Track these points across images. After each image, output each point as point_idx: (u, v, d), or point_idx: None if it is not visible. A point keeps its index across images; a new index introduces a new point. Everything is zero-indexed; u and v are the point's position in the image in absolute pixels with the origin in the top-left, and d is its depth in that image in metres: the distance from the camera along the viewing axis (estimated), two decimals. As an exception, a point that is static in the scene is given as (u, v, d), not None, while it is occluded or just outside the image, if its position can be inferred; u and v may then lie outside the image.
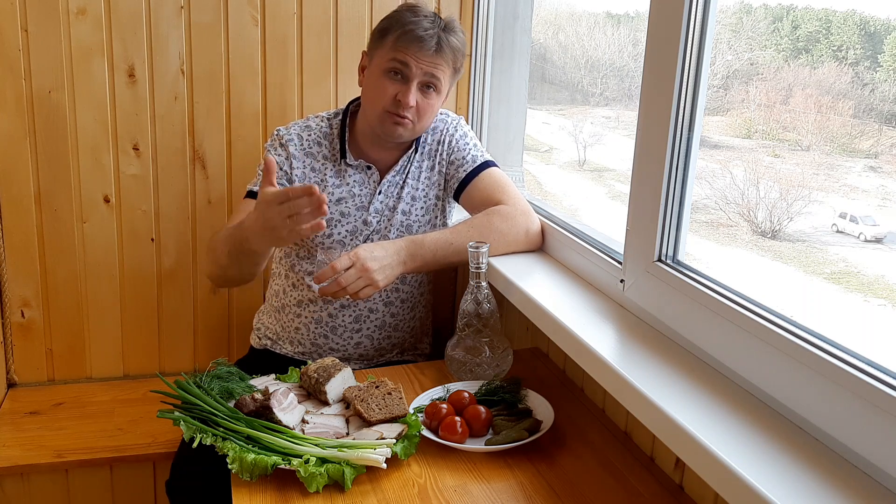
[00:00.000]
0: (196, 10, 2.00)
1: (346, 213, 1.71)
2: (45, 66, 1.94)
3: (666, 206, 1.27)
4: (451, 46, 1.62)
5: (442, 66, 1.62)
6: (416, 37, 1.58)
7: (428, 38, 1.58)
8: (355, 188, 1.71)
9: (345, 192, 1.70)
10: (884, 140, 1.56)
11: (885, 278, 1.61)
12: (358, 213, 1.71)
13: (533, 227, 1.68)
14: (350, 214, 1.71)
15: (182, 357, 2.21)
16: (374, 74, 1.64)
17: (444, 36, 1.60)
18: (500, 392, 1.36)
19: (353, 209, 1.71)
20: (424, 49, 1.58)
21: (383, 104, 1.62)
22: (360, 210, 1.71)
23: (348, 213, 1.71)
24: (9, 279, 2.04)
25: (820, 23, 1.64)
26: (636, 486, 1.16)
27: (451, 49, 1.61)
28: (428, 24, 1.59)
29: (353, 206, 1.71)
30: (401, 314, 1.80)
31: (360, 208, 1.71)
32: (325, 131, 1.73)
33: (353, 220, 1.71)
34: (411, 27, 1.58)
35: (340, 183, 1.71)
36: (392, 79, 1.61)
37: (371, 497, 1.11)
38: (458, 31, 1.65)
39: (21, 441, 1.86)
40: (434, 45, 1.59)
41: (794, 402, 0.98)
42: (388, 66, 1.60)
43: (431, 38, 1.58)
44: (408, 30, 1.58)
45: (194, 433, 1.19)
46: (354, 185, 1.71)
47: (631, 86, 2.63)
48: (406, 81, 1.60)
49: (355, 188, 1.71)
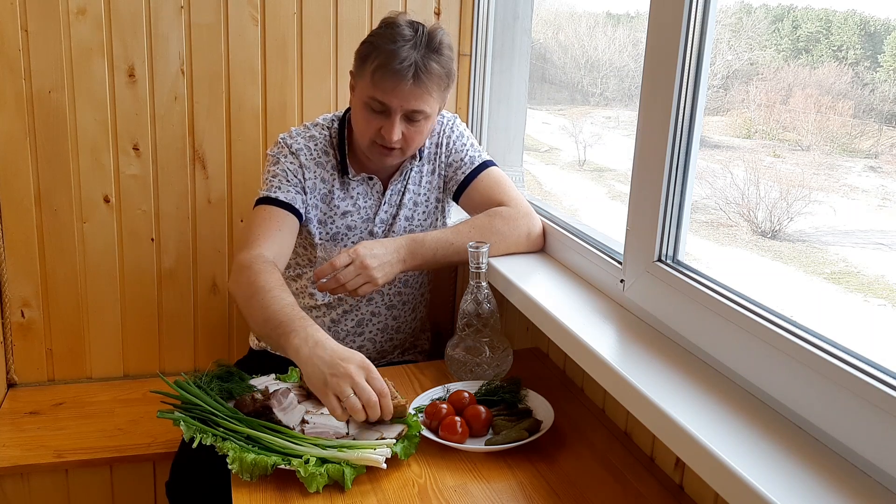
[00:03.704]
0: (196, 10, 2.00)
1: (353, 227, 1.70)
2: (45, 66, 1.94)
3: (666, 206, 1.27)
4: (432, 73, 1.51)
5: (424, 97, 1.52)
6: (391, 72, 1.48)
7: (404, 71, 1.47)
8: (359, 200, 1.69)
9: (350, 206, 1.69)
10: (884, 140, 1.56)
11: (885, 278, 1.61)
12: (364, 225, 1.71)
13: (535, 228, 1.68)
14: (356, 227, 1.70)
15: (182, 357, 2.21)
16: (358, 105, 1.57)
17: (423, 64, 1.49)
18: (500, 392, 1.36)
19: (358, 222, 1.70)
20: (402, 84, 1.48)
21: (369, 136, 1.57)
22: (365, 222, 1.71)
23: (354, 226, 1.70)
24: (9, 279, 2.04)
25: (820, 23, 1.64)
26: (636, 486, 1.16)
27: (431, 76, 1.51)
28: (405, 54, 1.48)
29: (359, 218, 1.70)
30: (403, 316, 1.80)
31: (366, 220, 1.71)
32: (328, 141, 1.69)
33: (360, 233, 1.70)
34: (387, 60, 1.48)
35: (345, 196, 1.68)
36: (374, 114, 1.54)
37: (371, 497, 1.11)
38: (443, 47, 1.53)
39: (21, 441, 1.85)
40: (412, 77, 1.48)
41: (794, 402, 0.98)
42: (368, 102, 1.53)
43: (408, 72, 1.48)
44: (384, 63, 1.48)
45: (194, 433, 1.18)
46: (359, 197, 1.69)
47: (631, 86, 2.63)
48: (388, 116, 1.53)
49: (359, 200, 1.69)
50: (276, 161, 1.64)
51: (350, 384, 1.18)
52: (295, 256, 1.76)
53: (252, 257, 1.47)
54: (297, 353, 1.24)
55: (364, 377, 1.19)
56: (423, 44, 1.51)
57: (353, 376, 1.18)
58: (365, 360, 1.22)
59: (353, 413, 1.17)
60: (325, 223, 1.69)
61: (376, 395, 1.18)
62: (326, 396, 1.18)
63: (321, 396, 1.20)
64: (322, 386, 1.19)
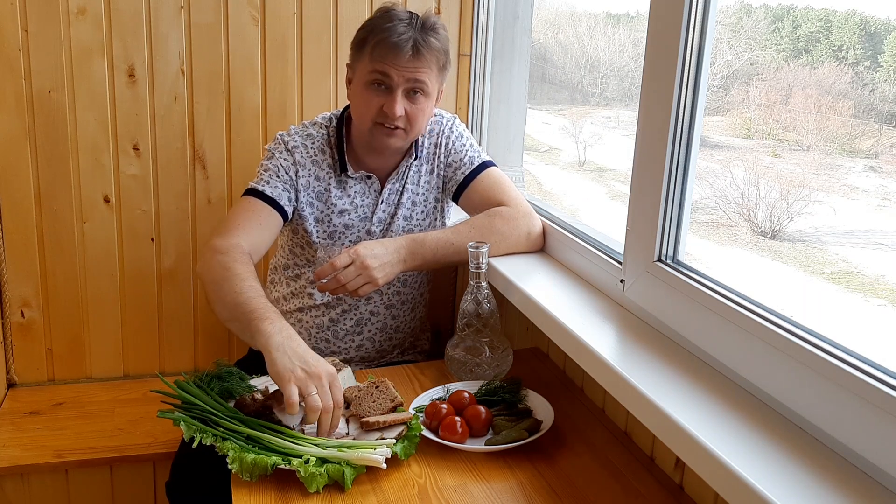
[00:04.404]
0: (196, 10, 2.00)
1: (350, 225, 1.70)
2: (45, 66, 1.94)
3: (666, 206, 1.27)
4: (430, 47, 1.56)
5: (424, 70, 1.56)
6: (391, 44, 1.52)
7: (403, 42, 1.52)
8: (357, 199, 1.70)
9: (347, 204, 1.69)
10: (884, 140, 1.56)
11: (885, 278, 1.61)
12: (361, 224, 1.71)
13: (535, 228, 1.68)
14: (353, 226, 1.70)
15: (182, 357, 2.21)
16: (359, 87, 1.60)
17: (421, 38, 1.54)
18: (500, 392, 1.36)
19: (356, 220, 1.70)
20: (401, 55, 1.53)
21: (371, 116, 1.58)
22: (363, 221, 1.71)
23: (352, 225, 1.70)
24: (9, 279, 2.04)
25: (820, 23, 1.64)
26: (636, 486, 1.16)
27: (430, 50, 1.55)
28: (402, 29, 1.54)
29: (357, 217, 1.70)
30: (402, 315, 1.80)
31: (364, 219, 1.71)
32: (325, 139, 1.69)
33: (357, 231, 1.71)
34: (385, 35, 1.53)
35: (342, 194, 1.69)
36: (376, 90, 1.56)
37: (371, 497, 1.11)
38: (438, 27, 1.58)
39: (21, 441, 1.85)
40: (410, 49, 1.53)
41: (794, 402, 0.98)
42: (369, 79, 1.56)
43: (406, 43, 1.52)
44: (382, 38, 1.53)
45: (194, 433, 1.18)
46: (356, 195, 1.70)
47: (631, 86, 2.63)
48: (390, 91, 1.56)
49: (357, 199, 1.70)
50: (271, 156, 1.66)
51: (315, 384, 1.20)
52: (293, 256, 1.76)
53: (229, 245, 1.49)
54: (268, 339, 1.24)
55: (328, 384, 1.21)
56: (418, 24, 1.57)
57: (322, 378, 1.21)
58: (333, 370, 1.25)
59: (309, 411, 1.19)
60: (322, 221, 1.69)
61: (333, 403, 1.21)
62: (289, 385, 1.19)
63: (282, 383, 1.20)
64: (289, 374, 1.20)
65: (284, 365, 1.21)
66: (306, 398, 1.19)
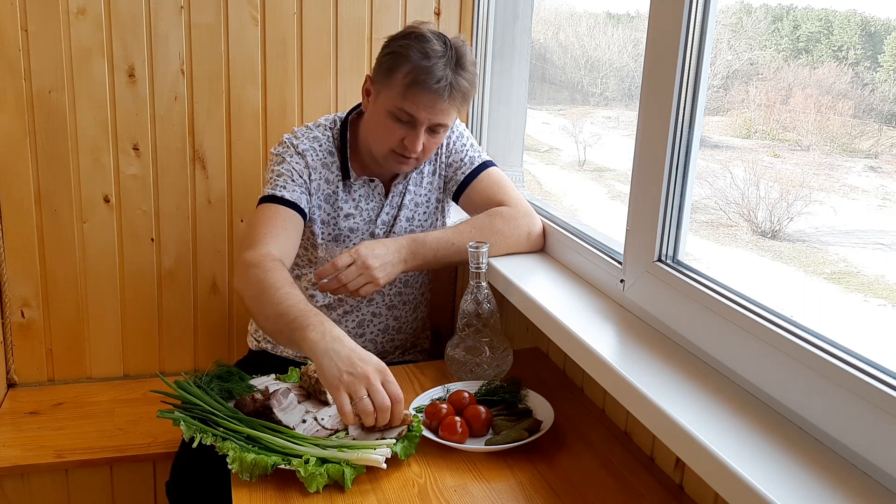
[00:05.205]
0: (196, 10, 2.00)
1: (355, 229, 1.70)
2: (45, 66, 1.94)
3: (666, 206, 1.27)
4: (462, 90, 1.52)
5: (450, 111, 1.54)
6: (430, 91, 1.48)
7: (441, 91, 1.49)
8: (362, 203, 1.69)
9: (352, 208, 1.69)
10: (884, 140, 1.56)
11: (885, 278, 1.61)
12: (366, 227, 1.71)
13: (535, 228, 1.68)
14: (358, 229, 1.70)
15: (182, 357, 2.21)
16: (380, 112, 1.56)
17: (455, 80, 1.50)
18: (500, 392, 1.36)
19: (361, 224, 1.70)
20: (438, 104, 1.50)
21: (390, 145, 1.57)
22: (368, 224, 1.71)
23: (357, 229, 1.70)
24: (9, 279, 2.04)
25: (820, 23, 1.64)
26: (636, 486, 1.16)
27: (461, 92, 1.52)
28: (440, 71, 1.48)
29: (362, 220, 1.70)
30: (404, 316, 1.80)
31: (369, 222, 1.71)
32: (331, 142, 1.68)
33: (362, 234, 1.70)
34: (423, 76, 1.48)
35: (348, 197, 1.68)
36: (399, 123, 1.54)
37: (371, 497, 1.11)
38: (469, 63, 1.53)
39: (21, 441, 1.86)
40: (447, 96, 1.50)
41: (794, 402, 0.98)
42: (396, 112, 1.53)
43: (445, 91, 1.49)
44: (420, 79, 1.48)
45: (194, 433, 1.18)
46: (361, 199, 1.69)
47: (631, 86, 2.63)
48: (413, 127, 1.54)
49: (362, 203, 1.69)
50: (282, 160, 1.63)
51: (365, 385, 1.16)
52: (295, 257, 1.75)
53: (260, 255, 1.45)
54: (313, 347, 1.20)
55: (380, 380, 1.18)
56: (453, 61, 1.51)
57: (370, 377, 1.17)
58: (382, 364, 1.20)
59: (363, 415, 1.16)
60: (329, 224, 1.69)
61: (390, 400, 1.17)
62: (339, 393, 1.15)
63: (333, 392, 1.17)
64: (336, 382, 1.16)
65: (332, 373, 1.17)
66: (356, 403, 1.15)
